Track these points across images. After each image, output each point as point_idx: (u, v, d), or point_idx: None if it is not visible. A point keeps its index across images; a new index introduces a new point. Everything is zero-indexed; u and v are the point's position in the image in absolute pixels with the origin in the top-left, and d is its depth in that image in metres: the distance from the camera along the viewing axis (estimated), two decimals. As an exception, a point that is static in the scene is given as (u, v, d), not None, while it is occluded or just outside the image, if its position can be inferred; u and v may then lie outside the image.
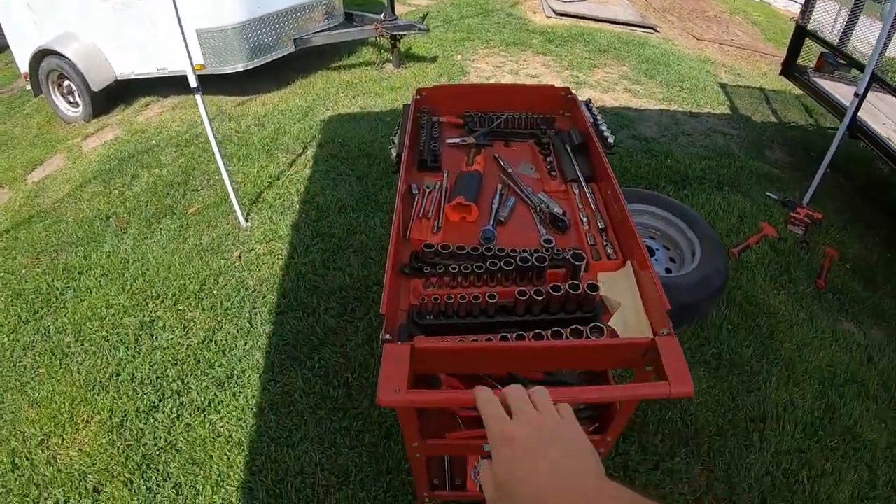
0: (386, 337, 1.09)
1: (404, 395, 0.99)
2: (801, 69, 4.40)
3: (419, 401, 1.03)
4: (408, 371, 1.02)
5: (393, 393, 0.98)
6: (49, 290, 3.03)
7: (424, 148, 1.77)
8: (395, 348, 1.06)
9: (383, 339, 1.09)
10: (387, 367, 1.03)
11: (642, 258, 1.31)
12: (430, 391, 1.04)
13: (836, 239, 3.42)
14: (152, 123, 4.92)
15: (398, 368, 1.02)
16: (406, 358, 1.04)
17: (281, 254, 3.21)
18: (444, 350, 1.10)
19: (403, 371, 1.02)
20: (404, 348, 1.05)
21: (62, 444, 2.26)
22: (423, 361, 1.09)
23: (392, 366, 1.03)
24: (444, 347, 1.09)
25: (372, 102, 5.00)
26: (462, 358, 1.12)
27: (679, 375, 1.04)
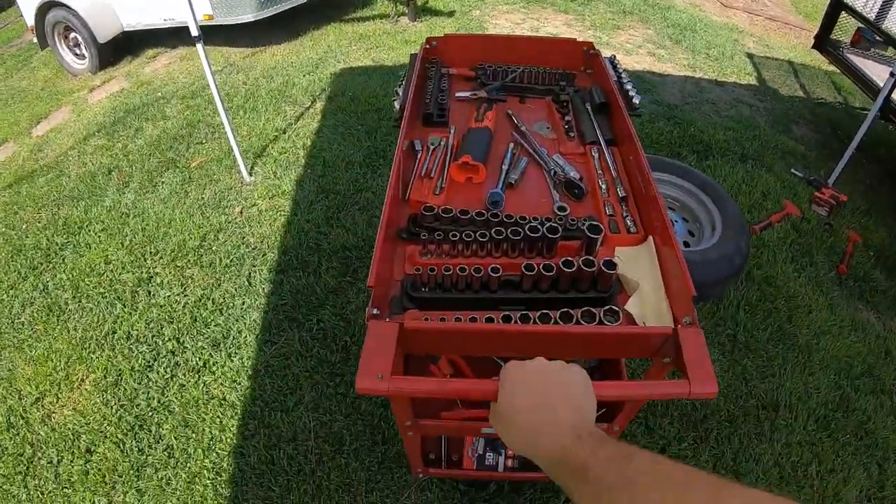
0: (373, 312, 0.97)
1: (389, 383, 0.86)
2: (834, 43, 4.16)
3: (406, 390, 0.90)
4: (394, 353, 0.89)
5: (376, 380, 0.86)
6: (49, 245, 2.99)
7: (431, 101, 1.62)
8: (382, 326, 0.93)
9: (370, 314, 0.96)
10: (370, 348, 0.90)
11: (666, 234, 1.16)
12: (420, 379, 0.91)
13: (861, 224, 3.26)
14: (159, 75, 4.82)
15: (383, 350, 0.89)
16: (393, 338, 0.91)
17: (284, 210, 3.12)
18: (438, 331, 0.97)
19: (389, 353, 0.89)
20: (392, 326, 0.92)
21: (57, 403, 2.24)
22: (413, 341, 0.97)
23: (376, 347, 0.90)
24: (437, 328, 0.97)
25: (385, 56, 4.85)
26: (458, 339, 1.00)
27: (701, 373, 0.91)
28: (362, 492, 1.91)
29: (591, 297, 1.13)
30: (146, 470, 2.01)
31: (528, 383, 0.74)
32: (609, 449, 0.60)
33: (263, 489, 1.93)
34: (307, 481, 1.94)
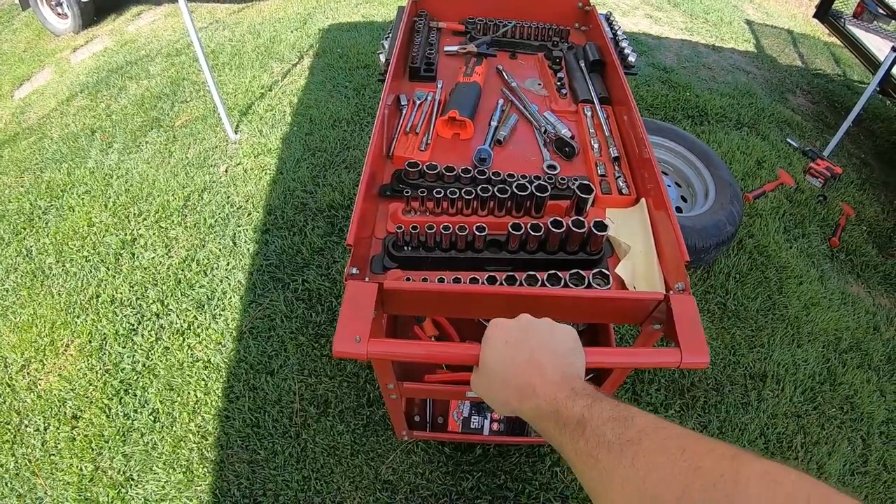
0: (351, 272, 0.92)
1: (367, 346, 0.83)
2: (836, 14, 4.08)
3: (385, 353, 0.85)
4: (372, 315, 0.85)
5: (353, 342, 0.82)
6: (32, 209, 2.92)
7: (418, 55, 1.55)
8: (361, 287, 0.88)
9: (348, 274, 0.92)
10: (348, 310, 0.86)
11: (660, 197, 1.12)
12: (400, 342, 0.87)
13: (855, 197, 3.24)
14: (143, 33, 4.67)
15: (361, 312, 0.85)
16: (372, 299, 0.87)
17: (269, 169, 3.06)
18: (419, 292, 0.93)
19: (367, 315, 0.85)
20: (370, 288, 0.88)
21: (42, 369, 2.21)
22: (393, 303, 0.94)
23: (354, 308, 0.86)
24: (418, 289, 0.92)
25: (375, 11, 4.73)
26: (440, 301, 0.96)
27: (693, 342, 0.87)
28: (347, 454, 1.91)
29: (580, 260, 1.09)
30: (132, 435, 2.00)
31: (513, 341, 0.72)
32: (607, 406, 0.57)
33: (249, 452, 1.93)
34: (292, 444, 1.93)
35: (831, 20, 4.07)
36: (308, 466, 1.88)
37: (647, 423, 0.53)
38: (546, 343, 0.71)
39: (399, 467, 1.88)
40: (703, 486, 0.43)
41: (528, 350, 0.70)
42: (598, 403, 0.58)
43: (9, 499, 1.87)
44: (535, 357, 0.68)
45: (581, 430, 0.56)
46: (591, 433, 0.55)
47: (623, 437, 0.52)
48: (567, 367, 0.68)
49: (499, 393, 0.71)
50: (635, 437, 0.51)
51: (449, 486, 1.84)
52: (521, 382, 0.67)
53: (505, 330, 0.74)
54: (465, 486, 1.84)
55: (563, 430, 0.59)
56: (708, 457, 0.46)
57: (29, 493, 1.88)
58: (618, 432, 0.53)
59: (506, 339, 0.73)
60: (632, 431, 0.52)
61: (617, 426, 0.54)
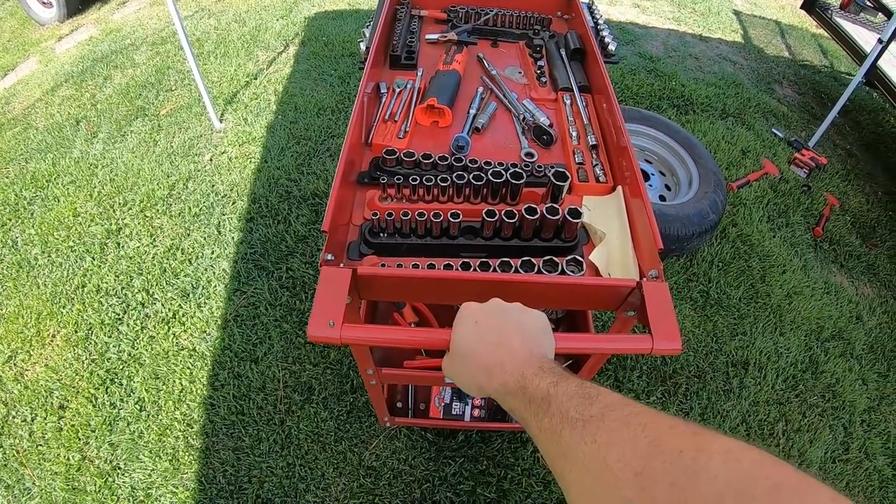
0: (327, 258, 0.93)
1: (340, 331, 0.84)
2: (824, 6, 4.09)
3: (358, 339, 0.86)
4: (346, 300, 0.87)
5: (327, 327, 0.83)
6: (17, 200, 2.89)
7: (398, 43, 1.55)
8: (334, 272, 0.89)
9: (323, 259, 0.93)
10: (322, 295, 0.87)
11: (636, 185, 1.13)
12: (372, 328, 0.88)
13: (839, 188, 3.27)
14: (128, 22, 4.61)
15: (336, 297, 0.86)
16: (345, 284, 0.88)
17: (254, 157, 3.05)
18: (393, 278, 0.94)
19: (341, 300, 0.86)
20: (344, 273, 0.89)
21: (29, 360, 2.20)
22: (368, 288, 0.94)
23: (328, 293, 0.87)
24: (392, 274, 0.93)
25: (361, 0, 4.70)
26: (413, 287, 0.97)
27: (665, 329, 0.89)
28: (331, 441, 1.92)
29: (555, 247, 1.11)
30: (118, 424, 2.00)
31: (483, 322, 0.73)
32: (573, 383, 0.57)
33: (234, 439, 1.94)
34: (277, 431, 1.95)
35: (819, 12, 4.08)
36: (292, 453, 1.90)
37: (611, 400, 0.53)
38: (515, 324, 0.72)
39: (382, 453, 1.90)
40: (663, 462, 0.43)
41: (497, 330, 0.71)
42: (565, 381, 0.58)
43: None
44: (504, 337, 0.70)
45: (546, 407, 0.56)
46: (555, 409, 0.55)
47: (586, 413, 0.52)
48: (536, 348, 0.69)
49: (468, 373, 0.72)
50: (598, 413, 0.51)
51: (432, 471, 1.86)
52: (489, 361, 0.68)
53: (474, 312, 0.75)
54: (448, 471, 1.86)
55: (528, 406, 0.59)
56: (669, 433, 0.46)
57: (17, 484, 1.88)
58: (581, 409, 0.53)
59: (475, 320, 0.74)
60: (595, 408, 0.52)
61: (581, 403, 0.54)
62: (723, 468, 0.40)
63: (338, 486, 1.83)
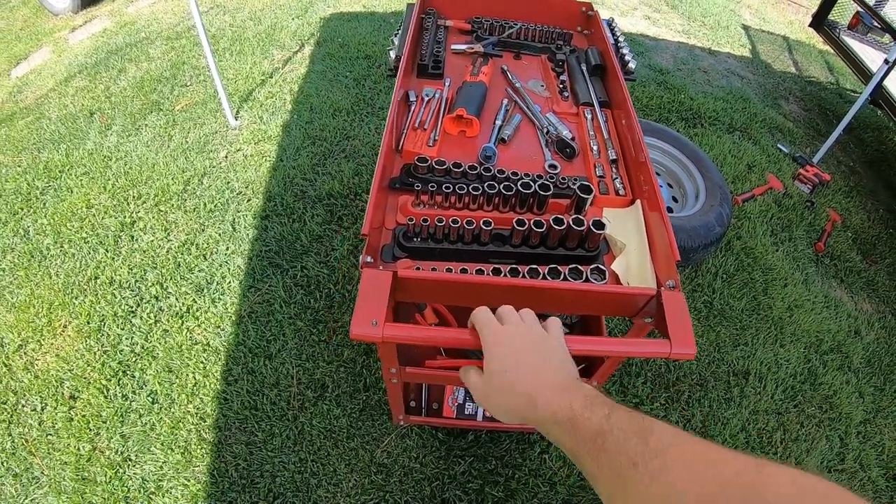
0: (367, 260, 0.98)
1: (382, 330, 0.88)
2: (832, 24, 4.15)
3: (399, 337, 0.91)
4: (388, 301, 0.91)
5: (370, 326, 0.87)
6: (29, 189, 2.90)
7: (426, 52, 1.59)
8: (376, 275, 0.94)
9: (363, 262, 0.98)
10: (365, 296, 0.91)
11: (654, 199, 1.19)
12: (412, 327, 0.93)
13: (842, 205, 3.33)
14: (143, 15, 4.63)
15: (377, 298, 0.91)
16: (387, 286, 0.92)
17: (269, 155, 3.08)
18: (430, 281, 0.98)
19: (383, 301, 0.91)
20: (386, 275, 0.94)
21: (40, 349, 2.22)
22: (405, 290, 0.99)
23: (371, 294, 0.91)
24: (429, 278, 0.98)
25: (376, 2, 4.74)
26: (449, 290, 1.02)
27: (682, 335, 0.94)
28: (344, 437, 1.96)
29: (578, 255, 1.16)
30: (130, 416, 2.02)
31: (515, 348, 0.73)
32: (625, 416, 0.57)
33: (247, 434, 1.97)
34: (290, 427, 1.98)
35: (827, 30, 4.14)
36: (305, 449, 1.93)
37: (668, 435, 0.53)
38: (546, 345, 0.74)
39: (394, 451, 1.94)
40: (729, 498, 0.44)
41: (532, 354, 0.72)
42: (616, 412, 0.58)
43: (5, 478, 1.88)
44: (541, 363, 0.71)
45: (601, 443, 0.56)
46: (612, 446, 0.54)
47: (646, 451, 0.51)
48: (572, 370, 0.71)
49: (506, 401, 0.71)
50: (659, 447, 0.51)
51: (442, 469, 1.90)
52: (531, 391, 0.68)
53: (504, 336, 0.75)
54: (458, 470, 1.90)
55: (580, 441, 0.59)
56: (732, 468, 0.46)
57: (25, 473, 1.89)
58: (640, 447, 0.52)
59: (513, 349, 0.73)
60: (654, 445, 0.52)
61: (639, 440, 0.53)
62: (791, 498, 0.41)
63: (349, 482, 1.87)
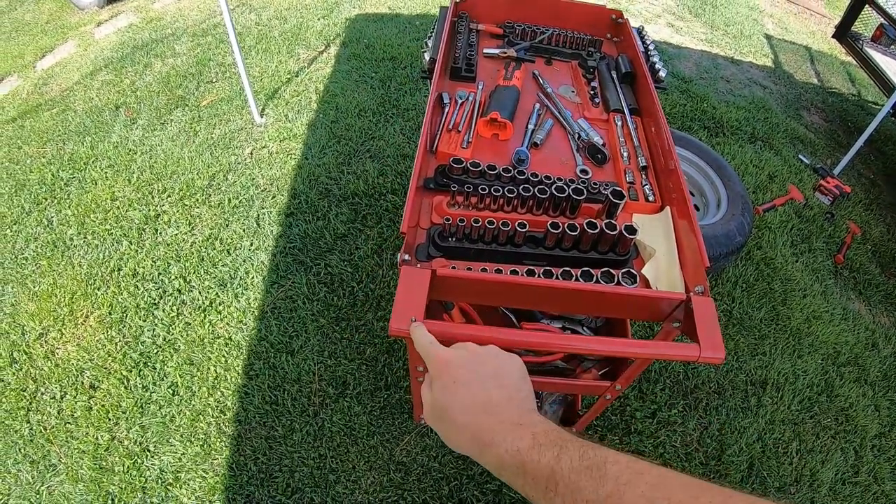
0: (404, 258, 1.00)
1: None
2: (855, 35, 4.12)
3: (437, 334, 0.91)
4: (425, 298, 0.93)
5: (409, 322, 0.89)
6: (54, 180, 2.95)
7: (459, 55, 1.61)
8: (414, 272, 0.96)
9: (401, 260, 1.00)
10: (403, 293, 0.94)
11: (684, 206, 1.21)
12: (449, 324, 0.95)
13: (861, 217, 3.31)
14: (169, 11, 4.68)
15: (416, 295, 0.93)
16: (425, 284, 0.94)
17: (294, 153, 3.10)
18: (468, 280, 1.00)
19: (421, 298, 0.93)
20: (424, 273, 0.96)
21: (61, 338, 2.25)
22: (441, 288, 1.01)
23: (409, 291, 0.94)
24: (467, 277, 1.00)
25: (401, 4, 4.76)
26: (485, 289, 1.03)
27: (711, 339, 0.96)
28: (363, 435, 1.97)
29: (609, 259, 1.17)
30: (150, 406, 2.04)
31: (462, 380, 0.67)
32: (575, 455, 0.53)
33: (267, 428, 1.99)
34: (310, 423, 2.00)
35: (849, 41, 4.11)
36: (324, 445, 1.95)
37: (623, 470, 0.51)
38: (494, 375, 0.67)
39: (413, 450, 1.95)
40: None
41: (480, 388, 0.66)
42: (566, 453, 0.54)
43: (22, 464, 1.91)
44: (488, 397, 0.65)
45: (553, 487, 0.53)
46: (564, 489, 0.52)
47: (601, 491, 0.49)
48: (521, 402, 0.65)
49: (455, 439, 0.66)
50: (613, 489, 0.49)
51: (460, 469, 1.91)
52: (476, 429, 0.62)
53: (449, 366, 0.69)
54: (476, 470, 1.91)
55: (532, 484, 0.55)
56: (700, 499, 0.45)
57: (42, 460, 1.92)
58: (594, 488, 0.50)
59: (453, 379, 0.67)
60: (610, 484, 0.49)
61: (592, 480, 0.50)
62: None
63: (368, 479, 1.88)
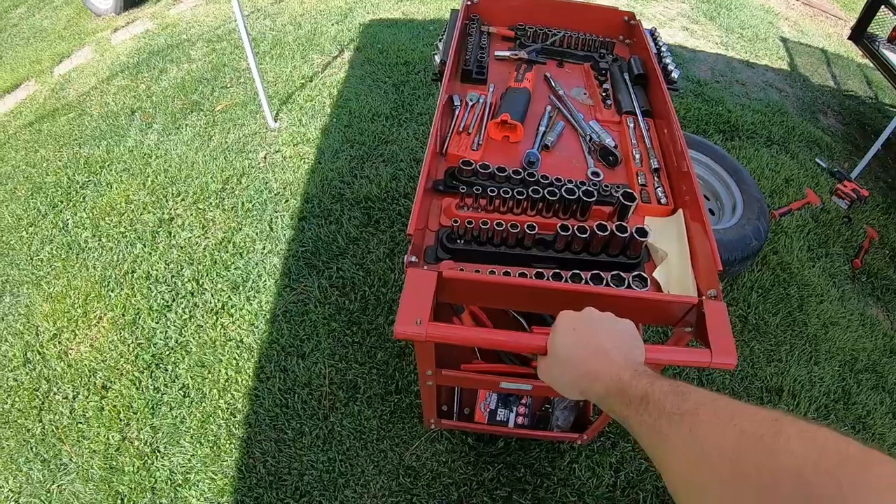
0: (411, 260, 0.99)
1: (426, 329, 0.89)
2: (871, 37, 4.06)
3: (442, 336, 0.92)
4: (431, 301, 0.92)
5: (414, 325, 0.89)
6: (69, 183, 2.99)
7: (470, 58, 1.61)
8: (421, 274, 0.95)
9: (408, 262, 0.99)
10: (409, 295, 0.93)
11: (697, 209, 1.18)
12: (457, 328, 0.94)
13: (879, 221, 3.25)
14: (185, 17, 4.73)
15: (422, 297, 0.92)
16: (432, 286, 0.94)
17: (308, 158, 3.12)
18: (474, 282, 0.99)
19: (427, 300, 0.92)
20: (430, 275, 0.95)
21: (74, 339, 2.27)
22: (448, 291, 1.00)
23: (415, 293, 0.93)
24: (474, 279, 0.99)
25: (415, 9, 4.77)
26: (492, 292, 1.02)
27: (723, 344, 0.94)
28: (373, 439, 1.97)
29: (620, 262, 1.15)
30: (161, 408, 2.06)
31: (581, 329, 0.80)
32: (666, 383, 0.64)
33: (277, 431, 1.99)
34: (320, 426, 2.00)
35: (866, 43, 4.05)
36: (334, 448, 1.95)
37: (703, 395, 0.59)
38: (610, 332, 0.79)
39: (423, 455, 1.94)
40: (748, 445, 0.49)
41: (595, 337, 0.78)
42: (659, 381, 0.65)
43: (33, 463, 1.93)
44: (601, 343, 0.76)
45: (645, 405, 0.63)
46: (653, 406, 0.61)
47: (681, 408, 0.58)
48: (629, 353, 0.76)
49: (568, 378, 0.79)
50: (692, 407, 0.57)
51: (470, 475, 1.90)
52: (589, 367, 0.75)
53: (573, 320, 0.82)
54: (486, 476, 1.90)
55: (628, 405, 0.66)
56: (753, 420, 0.52)
57: (54, 459, 1.94)
58: (676, 404, 0.59)
59: (573, 328, 0.81)
60: (689, 403, 0.58)
61: (676, 399, 0.60)
62: (799, 446, 0.46)
63: (377, 484, 1.87)
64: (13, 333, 2.31)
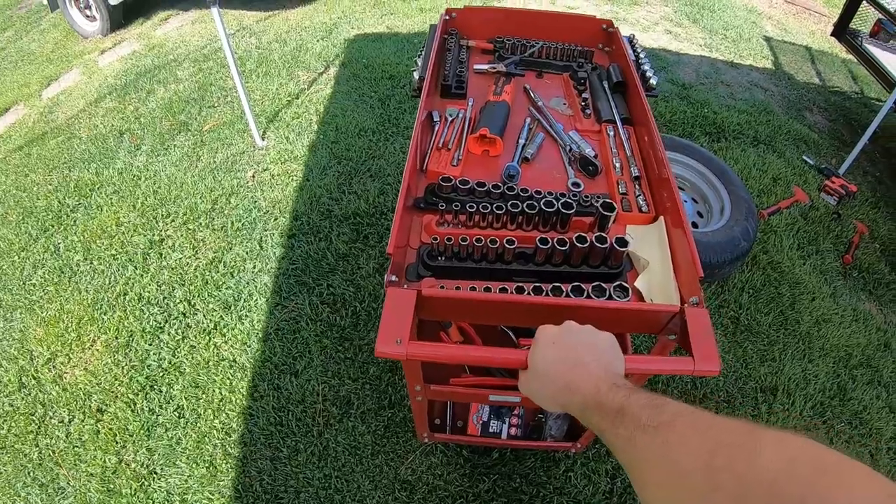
0: (391, 279, 1.00)
1: (406, 348, 0.90)
2: (853, 32, 4.10)
3: (422, 355, 0.93)
4: (412, 319, 0.93)
5: (395, 344, 0.90)
6: (60, 207, 2.99)
7: (450, 72, 1.62)
8: (400, 293, 0.96)
9: (388, 281, 0.99)
10: (389, 314, 0.93)
11: (677, 215, 1.19)
12: (436, 345, 0.94)
13: (869, 216, 3.26)
14: (171, 38, 4.76)
15: (402, 316, 0.93)
16: (411, 305, 0.94)
17: (296, 175, 3.13)
18: (454, 299, 1.00)
19: (407, 319, 0.93)
20: (410, 294, 0.95)
21: (68, 363, 2.27)
22: (429, 308, 1.00)
23: (395, 313, 0.94)
24: (453, 296, 0.99)
25: (399, 23, 4.80)
26: (472, 308, 1.03)
27: (706, 351, 0.95)
28: (368, 454, 1.97)
29: (601, 273, 1.16)
30: (156, 429, 2.06)
31: (560, 342, 0.81)
32: (643, 395, 0.64)
33: (272, 449, 1.99)
34: (315, 443, 2.00)
35: (848, 38, 4.08)
36: (329, 465, 1.95)
37: (680, 408, 0.59)
38: (589, 344, 0.80)
39: (418, 468, 1.94)
40: (725, 455, 0.50)
41: (574, 350, 0.79)
42: (636, 393, 0.65)
43: (31, 488, 1.93)
44: (580, 357, 0.78)
45: (621, 418, 0.63)
46: (629, 419, 0.61)
47: (657, 420, 0.58)
48: (608, 366, 0.77)
49: (548, 391, 0.80)
50: (668, 419, 0.57)
51: (466, 487, 1.90)
52: (567, 380, 0.76)
53: (552, 335, 0.83)
54: (482, 488, 1.89)
55: (605, 418, 0.66)
56: (729, 431, 0.52)
57: (51, 483, 1.94)
58: (652, 416, 0.59)
59: (553, 342, 0.82)
60: (665, 415, 0.58)
61: (652, 412, 0.60)
62: (774, 455, 0.46)
63: (373, 499, 1.87)
64: (7, 359, 2.31)
